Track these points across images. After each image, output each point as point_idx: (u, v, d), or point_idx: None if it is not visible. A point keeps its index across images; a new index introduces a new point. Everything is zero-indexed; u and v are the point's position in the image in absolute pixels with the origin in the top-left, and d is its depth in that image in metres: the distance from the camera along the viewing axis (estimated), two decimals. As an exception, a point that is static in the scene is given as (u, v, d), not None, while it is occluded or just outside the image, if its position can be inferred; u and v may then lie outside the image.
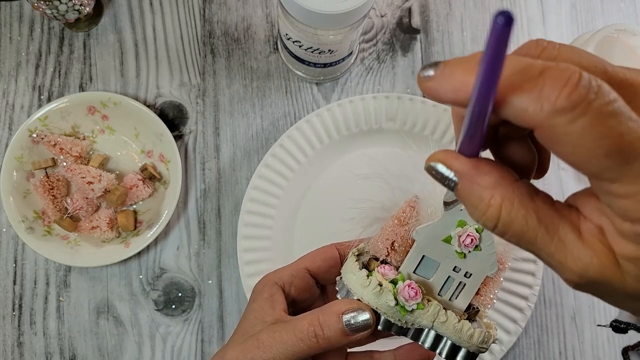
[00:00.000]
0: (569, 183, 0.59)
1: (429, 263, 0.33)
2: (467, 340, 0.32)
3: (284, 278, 0.37)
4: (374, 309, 0.32)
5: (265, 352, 0.32)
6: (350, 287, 0.33)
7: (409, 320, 0.32)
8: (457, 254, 0.32)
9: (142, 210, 0.57)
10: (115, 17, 0.60)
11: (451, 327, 0.32)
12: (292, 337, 0.32)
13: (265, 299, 0.36)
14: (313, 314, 0.33)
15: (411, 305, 0.31)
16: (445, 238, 0.32)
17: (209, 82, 0.59)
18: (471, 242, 0.32)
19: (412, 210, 0.33)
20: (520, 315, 0.54)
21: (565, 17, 0.62)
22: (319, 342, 0.32)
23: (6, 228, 0.57)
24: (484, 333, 0.32)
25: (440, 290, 0.33)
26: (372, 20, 0.60)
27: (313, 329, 0.32)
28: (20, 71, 0.59)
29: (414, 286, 0.32)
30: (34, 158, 0.55)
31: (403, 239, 0.33)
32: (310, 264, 0.38)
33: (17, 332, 0.55)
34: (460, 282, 0.33)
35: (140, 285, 0.56)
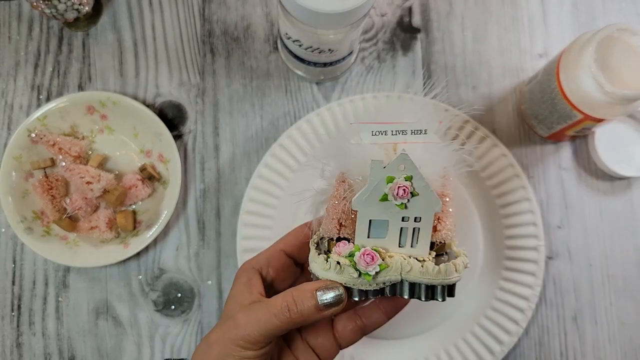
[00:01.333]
0: (570, 183, 0.59)
1: (378, 224, 0.34)
2: (436, 277, 0.33)
3: (261, 261, 0.39)
4: (345, 285, 0.34)
5: (241, 330, 0.34)
6: (317, 274, 0.35)
7: (379, 282, 0.34)
8: (397, 207, 0.34)
9: (141, 211, 0.57)
10: (114, 17, 0.60)
11: (417, 272, 0.33)
12: (266, 314, 0.34)
13: (243, 283, 0.38)
14: (287, 291, 0.35)
15: (373, 269, 0.33)
16: (382, 197, 0.34)
17: (209, 81, 0.59)
18: (405, 192, 0.33)
19: (344, 184, 0.35)
20: (521, 315, 0.54)
21: (566, 16, 0.61)
22: (292, 317, 0.33)
23: (5, 228, 0.56)
24: (449, 265, 0.34)
25: (399, 242, 0.35)
26: (373, 20, 0.60)
27: (286, 304, 0.34)
28: (19, 71, 0.58)
29: (369, 252, 0.33)
30: (32, 158, 0.55)
31: (346, 213, 0.35)
32: (284, 244, 0.40)
33: (16, 333, 0.55)
34: (414, 228, 0.34)
35: (140, 285, 0.56)
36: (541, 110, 0.54)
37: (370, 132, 0.35)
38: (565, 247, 0.58)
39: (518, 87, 0.60)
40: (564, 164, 0.59)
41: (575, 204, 0.58)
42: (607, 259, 0.58)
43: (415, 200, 0.34)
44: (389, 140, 0.35)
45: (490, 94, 0.60)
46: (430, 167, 0.34)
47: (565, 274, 0.57)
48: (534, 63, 0.60)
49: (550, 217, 0.58)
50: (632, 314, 0.57)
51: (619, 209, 0.58)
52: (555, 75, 0.50)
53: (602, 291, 0.57)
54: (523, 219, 0.55)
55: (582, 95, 0.47)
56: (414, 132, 0.34)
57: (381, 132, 0.35)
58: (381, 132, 0.35)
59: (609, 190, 0.59)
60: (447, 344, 0.54)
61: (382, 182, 0.33)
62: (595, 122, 0.49)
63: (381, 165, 0.33)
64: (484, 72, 0.60)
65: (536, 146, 0.59)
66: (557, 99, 0.50)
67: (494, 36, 0.61)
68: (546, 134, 0.57)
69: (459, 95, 0.59)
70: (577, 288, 0.57)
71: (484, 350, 0.53)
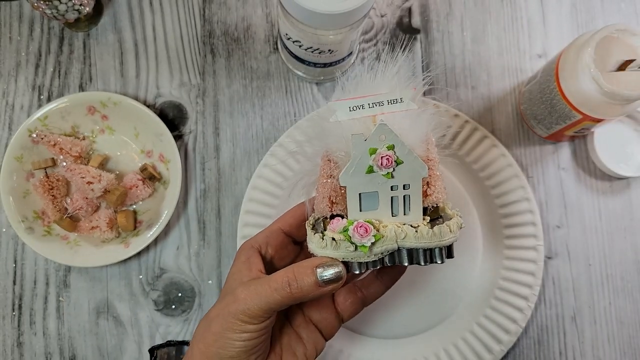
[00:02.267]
0: (569, 183, 0.59)
1: (368, 197, 0.35)
2: (431, 240, 0.34)
3: (259, 240, 0.40)
4: (344, 261, 0.34)
5: (241, 304, 0.34)
6: (315, 253, 0.35)
7: (376, 253, 0.34)
8: (384, 176, 0.34)
9: (142, 210, 0.57)
10: (115, 17, 0.60)
11: (412, 238, 0.34)
12: (266, 288, 0.34)
13: (242, 262, 0.38)
14: (288, 268, 0.35)
15: (368, 241, 0.33)
16: (367, 170, 0.34)
17: (209, 82, 0.59)
18: (389, 161, 0.34)
19: (330, 162, 0.35)
20: (520, 315, 0.54)
21: (566, 17, 0.62)
22: (293, 292, 0.34)
23: (6, 228, 0.57)
24: (443, 226, 0.34)
25: (391, 212, 0.35)
26: (372, 20, 0.60)
27: (287, 279, 0.34)
28: (20, 71, 0.59)
29: (361, 224, 0.33)
30: (33, 158, 0.55)
31: (336, 190, 0.35)
32: (282, 223, 0.40)
33: (16, 332, 0.55)
34: (404, 195, 0.35)
35: (140, 285, 0.56)
36: (540, 110, 0.54)
37: (347, 109, 0.35)
38: (564, 246, 0.58)
39: (517, 88, 0.60)
40: (563, 164, 0.59)
41: (574, 204, 0.58)
42: (606, 258, 0.58)
43: (401, 168, 0.34)
44: (367, 114, 0.35)
45: (490, 94, 0.60)
46: (411, 133, 0.35)
47: (565, 274, 0.57)
48: (533, 63, 0.61)
49: (549, 217, 0.58)
50: (631, 314, 0.57)
51: (617, 209, 0.58)
52: (554, 76, 0.50)
53: (601, 291, 0.57)
54: (522, 218, 0.55)
55: (581, 95, 0.47)
56: (390, 101, 0.35)
57: (358, 107, 0.35)
58: (358, 106, 0.35)
59: (607, 190, 0.59)
60: (447, 343, 0.55)
61: (365, 154, 0.34)
62: (594, 122, 0.49)
63: (362, 138, 0.34)
64: (483, 72, 0.60)
65: (535, 146, 0.59)
66: (556, 99, 0.50)
67: (493, 37, 0.61)
68: (545, 134, 0.57)
69: (458, 95, 0.60)
70: (576, 288, 0.57)
71: (483, 349, 0.54)
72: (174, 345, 0.54)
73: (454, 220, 0.35)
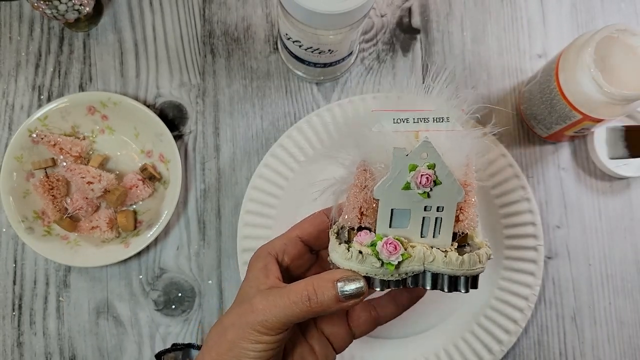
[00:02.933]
0: (569, 183, 0.59)
1: (400, 214, 0.34)
2: (459, 267, 0.33)
3: (277, 247, 0.39)
4: (366, 276, 0.33)
5: (259, 315, 0.33)
6: (338, 264, 0.34)
7: (401, 272, 0.33)
8: (420, 195, 0.33)
9: (142, 210, 0.57)
10: (115, 17, 0.60)
11: (440, 262, 0.33)
12: (285, 301, 0.33)
13: (259, 269, 0.37)
14: (308, 280, 0.34)
15: (396, 259, 0.32)
16: (404, 186, 0.33)
17: (209, 82, 0.59)
18: (428, 180, 0.32)
19: (366, 173, 0.34)
20: (520, 315, 0.54)
21: (566, 17, 0.62)
22: (312, 306, 0.33)
23: (6, 228, 0.57)
24: (473, 255, 0.33)
25: (421, 233, 0.34)
26: (372, 20, 0.60)
27: (307, 293, 0.33)
28: (20, 71, 0.59)
29: (391, 241, 0.32)
30: (33, 158, 0.55)
31: (368, 202, 0.34)
32: (301, 230, 0.39)
33: (16, 332, 0.55)
34: (436, 218, 0.34)
35: (140, 285, 0.56)
36: (540, 110, 0.54)
37: (391, 120, 0.34)
38: (565, 246, 0.58)
39: (517, 88, 0.60)
40: (563, 164, 0.59)
41: (574, 204, 0.58)
42: (606, 258, 0.58)
43: (438, 189, 0.33)
44: (411, 128, 0.34)
45: (490, 94, 0.60)
46: (453, 155, 0.34)
47: (565, 274, 0.57)
48: (533, 63, 0.61)
49: (549, 217, 0.58)
50: (631, 314, 0.57)
51: (617, 209, 0.58)
52: (554, 76, 0.50)
53: (601, 291, 0.57)
54: (522, 218, 0.55)
55: (581, 95, 0.47)
56: (436, 119, 0.34)
57: (403, 120, 0.34)
58: (403, 119, 0.34)
59: (607, 190, 0.59)
60: (447, 343, 0.55)
61: (405, 170, 0.33)
62: (594, 122, 0.49)
63: (404, 153, 0.32)
64: (483, 72, 0.60)
65: (535, 146, 0.59)
66: (556, 99, 0.50)
67: (493, 37, 0.61)
68: (545, 134, 0.57)
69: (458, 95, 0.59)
70: (576, 288, 0.57)
71: (484, 349, 0.54)
72: (181, 349, 0.54)
73: (483, 250, 0.34)
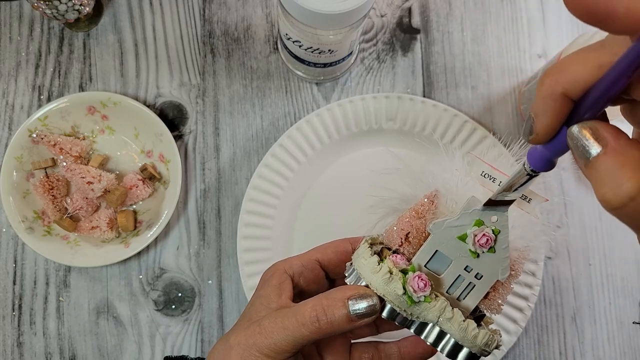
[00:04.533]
0: (569, 183, 0.59)
1: (441, 258, 0.33)
2: (471, 340, 0.31)
3: (294, 268, 0.37)
4: (381, 297, 0.32)
5: (267, 338, 0.32)
6: (360, 272, 0.32)
7: (415, 312, 0.32)
8: (470, 252, 0.32)
9: (142, 210, 0.57)
10: (115, 17, 0.60)
11: (457, 324, 0.31)
12: (294, 322, 0.31)
13: (273, 286, 0.35)
14: (316, 299, 0.32)
15: (419, 297, 0.31)
16: (461, 235, 0.32)
17: (209, 82, 0.59)
18: (486, 243, 0.31)
19: (431, 204, 0.33)
20: (520, 315, 0.54)
21: (566, 17, 0.62)
22: (322, 327, 0.31)
23: (6, 228, 0.57)
24: (488, 335, 0.31)
25: (449, 287, 0.33)
26: (372, 20, 0.60)
27: (315, 313, 0.31)
28: (20, 71, 0.59)
29: (424, 278, 0.31)
30: (33, 158, 0.55)
31: (418, 231, 0.33)
32: (322, 255, 0.37)
33: (16, 332, 0.55)
34: (470, 282, 0.33)
35: (140, 285, 0.56)
36: (540, 110, 0.54)
37: (481, 171, 0.33)
38: (565, 246, 0.58)
39: (517, 88, 0.60)
40: (563, 163, 0.59)
41: (574, 204, 0.58)
42: (605, 258, 0.58)
43: (488, 257, 0.32)
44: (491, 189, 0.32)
45: (490, 94, 0.60)
46: (516, 235, 0.33)
47: (565, 274, 0.57)
48: (533, 63, 0.61)
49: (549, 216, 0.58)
50: (631, 314, 0.57)
51: (617, 209, 0.58)
52: (554, 76, 0.50)
53: (601, 290, 0.57)
54: (522, 219, 0.55)
55: (580, 95, 0.47)
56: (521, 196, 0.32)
57: (491, 178, 0.33)
58: (491, 177, 0.33)
59: (607, 190, 0.59)
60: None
61: (471, 221, 0.32)
62: (594, 122, 0.49)
63: (478, 206, 0.31)
64: (483, 72, 0.60)
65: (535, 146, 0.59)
66: (556, 99, 0.50)
67: (493, 37, 0.61)
68: (545, 134, 0.57)
69: (458, 95, 0.60)
70: (576, 287, 0.57)
71: (484, 349, 0.54)
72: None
73: (496, 337, 0.33)
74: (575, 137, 0.22)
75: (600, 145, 0.22)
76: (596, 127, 0.22)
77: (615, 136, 0.22)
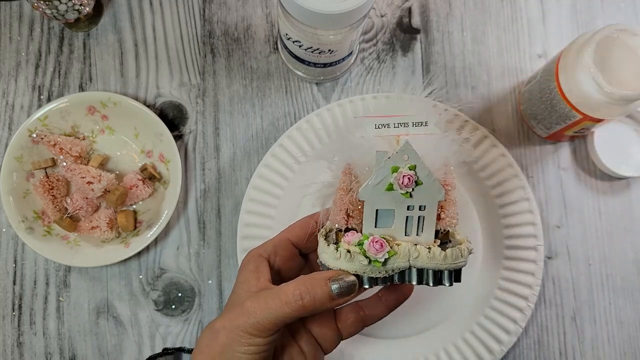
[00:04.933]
0: (569, 183, 0.59)
1: (384, 214, 0.35)
2: (442, 262, 0.34)
3: (268, 250, 0.39)
4: (355, 274, 0.35)
5: (250, 318, 0.34)
6: (327, 264, 0.35)
7: (388, 269, 0.35)
8: (403, 195, 0.35)
9: (142, 210, 0.57)
10: (115, 17, 0.60)
11: (425, 258, 0.34)
12: (277, 302, 0.34)
13: (251, 270, 0.37)
14: (299, 279, 0.35)
15: (382, 256, 0.34)
16: (387, 187, 0.35)
17: (209, 82, 0.59)
18: (409, 181, 0.34)
19: (350, 176, 0.36)
20: (520, 315, 0.54)
21: (566, 17, 0.62)
22: (305, 305, 0.34)
23: (6, 228, 0.57)
24: (455, 250, 0.35)
25: (405, 231, 0.36)
26: (372, 20, 0.60)
27: (299, 292, 0.34)
28: (20, 71, 0.59)
29: (377, 239, 0.34)
30: (33, 158, 0.55)
31: (353, 204, 0.36)
32: (292, 234, 0.40)
33: (16, 332, 0.55)
34: (419, 216, 0.35)
35: (140, 285, 0.56)
36: (540, 110, 0.54)
37: (373, 125, 0.36)
38: (564, 246, 0.58)
39: (517, 88, 0.60)
40: (563, 164, 0.59)
41: (574, 204, 0.58)
42: (605, 258, 0.58)
43: (420, 189, 0.35)
44: (392, 133, 0.36)
45: (490, 94, 0.60)
46: (432, 157, 0.35)
47: (564, 274, 0.57)
48: (533, 63, 0.61)
49: (549, 217, 0.58)
50: (631, 313, 0.57)
51: (617, 209, 0.58)
52: (554, 76, 0.50)
53: (600, 291, 0.57)
54: (522, 218, 0.55)
55: (581, 95, 0.47)
56: (415, 124, 0.36)
57: (384, 125, 0.36)
58: (384, 125, 0.36)
59: (607, 190, 0.59)
60: (447, 343, 0.55)
61: (388, 172, 0.34)
62: (594, 122, 0.49)
63: (386, 156, 0.34)
64: (483, 72, 0.60)
65: (535, 146, 0.59)
66: (556, 99, 0.50)
67: (493, 37, 0.61)
68: (545, 134, 0.57)
69: (458, 95, 0.60)
70: (576, 287, 0.57)
71: (484, 349, 0.54)
72: (172, 354, 0.53)
73: (464, 245, 0.35)
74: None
75: None
76: None
77: None
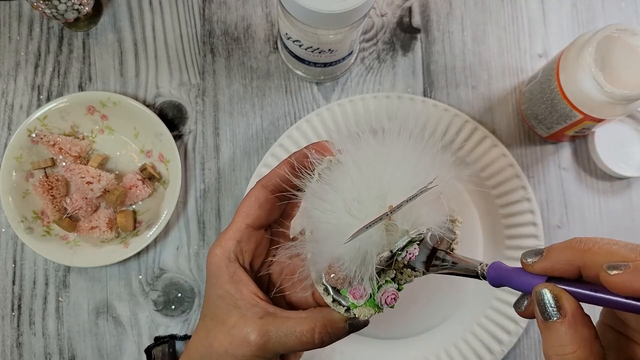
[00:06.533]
0: (570, 183, 0.59)
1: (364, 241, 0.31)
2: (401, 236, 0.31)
3: (232, 249, 0.35)
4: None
5: (260, 350, 0.33)
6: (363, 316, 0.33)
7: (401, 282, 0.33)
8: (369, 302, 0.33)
9: (142, 211, 0.57)
10: (114, 17, 0.60)
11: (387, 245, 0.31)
12: (293, 340, 0.33)
13: (227, 282, 0.34)
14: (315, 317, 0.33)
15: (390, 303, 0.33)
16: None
17: (209, 81, 0.59)
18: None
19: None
20: (520, 315, 0.54)
21: (566, 16, 0.61)
22: (324, 345, 0.33)
23: (5, 228, 0.56)
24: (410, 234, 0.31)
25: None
26: (373, 20, 0.60)
27: (321, 335, 0.33)
28: (20, 71, 0.59)
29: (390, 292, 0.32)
30: (33, 158, 0.55)
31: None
32: (250, 217, 0.35)
33: (16, 333, 0.55)
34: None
35: (140, 285, 0.56)
36: (541, 110, 0.54)
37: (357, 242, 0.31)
38: (565, 247, 0.58)
39: (518, 88, 0.60)
40: (564, 164, 0.59)
41: (575, 204, 0.58)
42: (606, 258, 0.58)
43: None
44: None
45: (490, 94, 0.60)
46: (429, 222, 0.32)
47: (565, 274, 0.57)
48: (533, 63, 0.60)
49: (550, 217, 0.58)
50: (632, 314, 0.57)
51: (618, 209, 0.58)
52: (555, 76, 0.50)
53: (601, 291, 0.57)
54: (523, 219, 0.55)
55: (581, 95, 0.47)
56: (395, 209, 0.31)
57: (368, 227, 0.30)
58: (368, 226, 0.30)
59: (608, 190, 0.59)
60: (447, 343, 0.54)
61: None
62: (594, 122, 0.49)
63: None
64: (483, 72, 0.60)
65: (536, 146, 0.59)
66: (557, 99, 0.50)
67: (494, 36, 0.61)
68: (546, 134, 0.57)
69: (458, 95, 0.59)
70: (576, 288, 0.57)
71: (484, 350, 0.53)
72: (166, 342, 0.54)
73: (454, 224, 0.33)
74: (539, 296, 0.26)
75: (560, 314, 0.26)
76: (560, 296, 0.26)
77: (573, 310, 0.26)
